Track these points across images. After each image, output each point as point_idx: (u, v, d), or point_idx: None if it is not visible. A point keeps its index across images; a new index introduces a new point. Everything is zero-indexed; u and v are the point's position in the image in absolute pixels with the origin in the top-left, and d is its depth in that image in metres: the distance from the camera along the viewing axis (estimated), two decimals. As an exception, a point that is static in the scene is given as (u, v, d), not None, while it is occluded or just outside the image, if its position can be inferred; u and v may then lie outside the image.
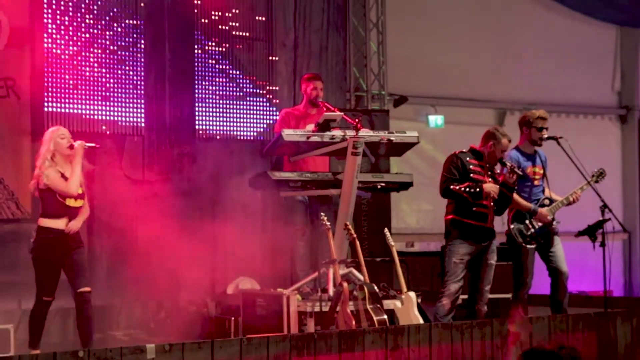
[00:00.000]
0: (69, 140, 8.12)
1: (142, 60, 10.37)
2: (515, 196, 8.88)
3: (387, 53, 12.72)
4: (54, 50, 9.80)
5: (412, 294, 8.54)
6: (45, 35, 9.76)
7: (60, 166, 8.09)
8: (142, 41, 10.38)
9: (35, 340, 8.10)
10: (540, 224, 8.94)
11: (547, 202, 9.00)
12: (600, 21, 14.96)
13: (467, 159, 8.65)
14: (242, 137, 11.01)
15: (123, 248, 9.83)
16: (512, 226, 9.00)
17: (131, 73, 10.27)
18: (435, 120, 13.61)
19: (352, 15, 12.48)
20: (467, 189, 8.38)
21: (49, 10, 9.78)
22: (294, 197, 9.49)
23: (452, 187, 8.47)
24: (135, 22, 10.32)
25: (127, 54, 10.26)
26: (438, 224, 13.52)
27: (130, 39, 10.28)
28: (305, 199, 9.52)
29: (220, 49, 10.92)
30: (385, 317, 8.15)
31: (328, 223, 8.62)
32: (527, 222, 8.95)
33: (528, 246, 8.92)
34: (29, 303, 9.40)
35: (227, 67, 10.96)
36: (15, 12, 9.69)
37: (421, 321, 8.35)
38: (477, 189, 8.39)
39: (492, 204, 8.56)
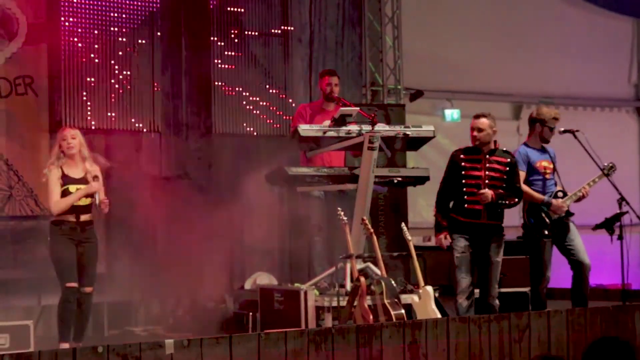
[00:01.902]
0: (68, 143, 8.16)
1: (159, 56, 10.40)
2: (528, 189, 8.87)
3: (403, 47, 12.71)
4: (71, 48, 9.84)
5: (429, 289, 8.54)
6: (62, 32, 9.80)
7: (67, 166, 8.16)
8: (159, 37, 10.40)
9: (65, 333, 8.13)
10: (555, 215, 8.91)
11: (560, 194, 8.97)
12: (617, 13, 14.90)
13: (462, 155, 8.61)
14: (258, 133, 11.03)
15: (141, 244, 9.87)
16: (527, 219, 8.98)
17: (148, 69, 10.30)
18: (452, 114, 13.58)
19: (368, 10, 12.48)
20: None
21: (66, 8, 9.82)
22: (311, 193, 9.51)
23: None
24: (151, 18, 10.34)
25: (143, 50, 10.29)
26: (455, 218, 13.56)
27: (147, 36, 10.31)
28: (322, 195, 9.54)
29: (236, 44, 10.93)
30: (403, 311, 8.15)
31: (345, 218, 8.62)
32: (542, 214, 8.92)
33: (544, 239, 8.89)
34: (48, 299, 9.49)
35: (243, 62, 10.97)
36: (32, 10, 9.74)
37: (439, 315, 8.34)
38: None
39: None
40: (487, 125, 8.53)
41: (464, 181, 8.50)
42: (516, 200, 8.52)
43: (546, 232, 8.86)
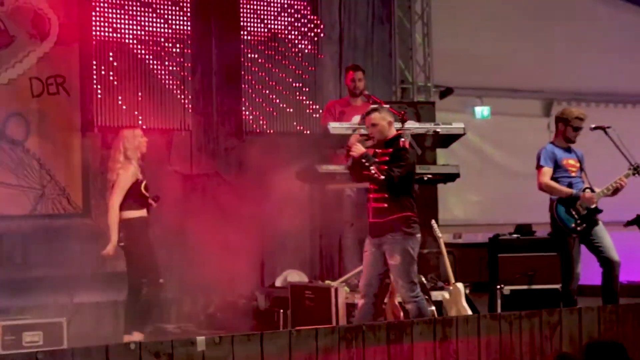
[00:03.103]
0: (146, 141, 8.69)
1: (189, 54, 10.44)
2: (556, 185, 8.84)
3: (433, 45, 12.70)
4: (102, 47, 9.90)
5: (460, 285, 8.53)
6: (93, 32, 9.86)
7: (134, 162, 8.53)
8: (189, 36, 10.44)
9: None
10: (584, 210, 8.86)
11: (588, 191, 8.92)
12: (649, 10, 14.82)
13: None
14: (288, 131, 11.05)
15: (172, 242, 9.91)
16: (555, 215, 8.93)
17: (178, 68, 10.35)
18: (482, 111, 13.55)
19: (397, 8, 12.47)
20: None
21: (97, 7, 9.88)
22: (341, 190, 9.54)
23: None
24: (181, 17, 10.39)
25: (174, 49, 10.34)
26: (485, 215, 13.52)
27: (177, 34, 10.35)
28: (353, 191, 9.57)
29: (265, 42, 10.96)
30: (434, 308, 8.16)
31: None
32: (571, 209, 8.88)
33: (572, 234, 8.85)
34: (81, 297, 9.57)
35: (273, 60, 10.99)
36: (63, 10, 9.81)
37: (469, 312, 8.34)
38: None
39: (371, 196, 7.78)
40: (379, 119, 7.84)
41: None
42: (382, 178, 7.52)
43: (574, 226, 8.82)
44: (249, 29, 10.88)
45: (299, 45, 11.18)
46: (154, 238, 9.24)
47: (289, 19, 11.12)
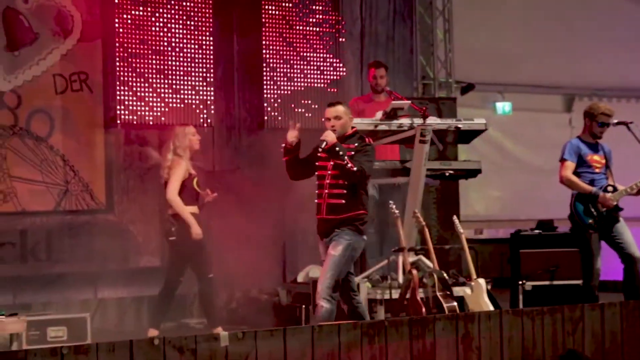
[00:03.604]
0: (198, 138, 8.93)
1: (211, 51, 10.47)
2: (577, 180, 8.83)
3: (454, 41, 12.69)
4: (125, 44, 9.94)
5: (481, 281, 8.54)
6: (116, 28, 9.91)
7: (185, 160, 8.73)
8: (211, 33, 10.47)
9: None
10: (603, 209, 8.85)
11: (610, 189, 8.91)
12: (670, 4, 14.75)
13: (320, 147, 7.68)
14: (310, 127, 11.06)
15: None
16: (574, 210, 8.93)
17: (200, 64, 10.38)
18: (503, 107, 13.54)
19: (418, 4, 12.48)
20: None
21: (119, 4, 9.92)
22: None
23: None
24: (203, 13, 10.41)
25: (196, 45, 10.37)
26: (507, 211, 13.51)
27: (199, 30, 10.38)
28: (376, 187, 9.60)
29: (287, 39, 10.98)
30: (455, 304, 8.17)
31: (397, 211, 8.65)
32: (590, 206, 8.87)
33: (590, 230, 8.84)
34: (104, 292, 9.62)
35: (295, 57, 11.01)
36: (86, 7, 9.87)
37: (491, 308, 8.34)
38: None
39: (326, 191, 7.59)
40: (343, 112, 7.71)
41: (316, 173, 7.74)
42: (355, 169, 7.39)
43: (591, 222, 8.81)
44: (270, 24, 10.89)
45: (321, 42, 11.19)
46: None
47: (311, 15, 11.13)
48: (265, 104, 10.82)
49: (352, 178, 7.47)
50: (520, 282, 9.74)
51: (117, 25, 9.91)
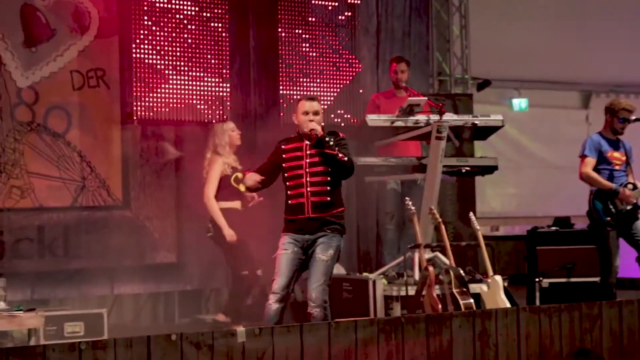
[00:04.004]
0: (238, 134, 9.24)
1: (227, 47, 10.47)
2: (597, 176, 8.81)
3: (470, 37, 12.67)
4: (142, 40, 9.95)
5: (498, 278, 8.53)
6: (132, 25, 9.92)
7: (226, 156, 8.97)
8: (227, 29, 10.47)
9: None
10: (622, 206, 8.82)
11: (630, 186, 8.88)
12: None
13: (282, 146, 7.64)
14: (326, 123, 11.03)
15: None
16: (592, 206, 8.90)
17: (216, 60, 10.38)
18: (519, 103, 13.53)
19: (435, 0, 12.46)
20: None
21: (136, 1, 9.93)
22: (384, 182, 9.58)
23: None
24: (220, 9, 10.42)
25: (212, 41, 10.37)
26: (523, 208, 13.50)
27: (215, 27, 10.38)
28: (398, 184, 9.61)
29: (303, 35, 10.97)
30: (472, 301, 8.16)
31: (413, 208, 8.65)
32: (608, 203, 8.85)
33: (608, 227, 8.81)
34: (121, 288, 9.65)
35: (311, 53, 11.01)
36: (103, 4, 9.88)
37: (508, 305, 8.33)
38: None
39: (308, 190, 7.28)
40: (319, 108, 7.64)
41: (286, 174, 7.45)
42: (345, 159, 7.26)
43: (609, 219, 8.78)
44: (286, 20, 10.89)
45: (337, 38, 11.18)
46: (192, 229, 9.34)
47: (326, 11, 11.12)
48: (282, 100, 10.82)
49: (342, 169, 7.27)
50: (536, 280, 9.74)
51: (133, 21, 9.92)
